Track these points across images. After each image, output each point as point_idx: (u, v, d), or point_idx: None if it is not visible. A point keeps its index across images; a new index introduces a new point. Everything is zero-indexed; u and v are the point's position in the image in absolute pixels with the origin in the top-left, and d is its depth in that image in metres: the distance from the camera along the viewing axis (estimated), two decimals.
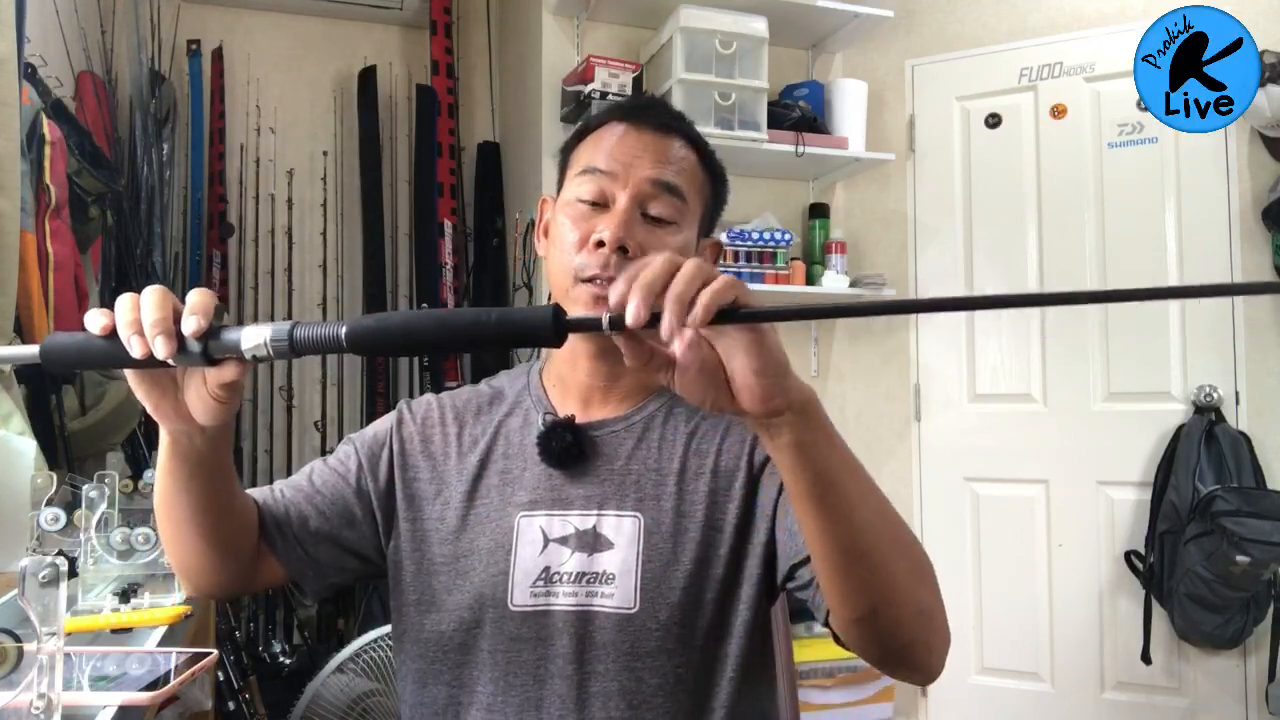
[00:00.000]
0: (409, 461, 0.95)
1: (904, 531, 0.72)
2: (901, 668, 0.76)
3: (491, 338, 0.58)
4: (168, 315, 0.61)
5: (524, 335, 0.58)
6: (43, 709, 0.66)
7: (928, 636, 0.73)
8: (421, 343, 0.60)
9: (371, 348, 0.60)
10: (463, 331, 0.59)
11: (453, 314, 0.59)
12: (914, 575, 0.72)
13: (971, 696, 2.74)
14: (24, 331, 1.56)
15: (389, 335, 0.59)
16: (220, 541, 0.84)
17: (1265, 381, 2.48)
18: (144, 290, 0.62)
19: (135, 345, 0.60)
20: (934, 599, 0.73)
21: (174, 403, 0.68)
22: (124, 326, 0.61)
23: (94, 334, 0.62)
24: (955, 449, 2.79)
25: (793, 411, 0.61)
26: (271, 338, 0.60)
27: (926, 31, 2.85)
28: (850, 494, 0.66)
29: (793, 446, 0.62)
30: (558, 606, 0.86)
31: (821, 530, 0.67)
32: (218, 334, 0.61)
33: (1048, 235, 2.70)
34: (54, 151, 1.72)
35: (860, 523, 0.67)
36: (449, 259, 2.91)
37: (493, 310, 0.58)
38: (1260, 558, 2.21)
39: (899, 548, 0.70)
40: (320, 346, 0.60)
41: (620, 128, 0.94)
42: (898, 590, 0.70)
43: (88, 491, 1.15)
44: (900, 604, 0.71)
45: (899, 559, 0.70)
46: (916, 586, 0.72)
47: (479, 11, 3.10)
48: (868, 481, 0.68)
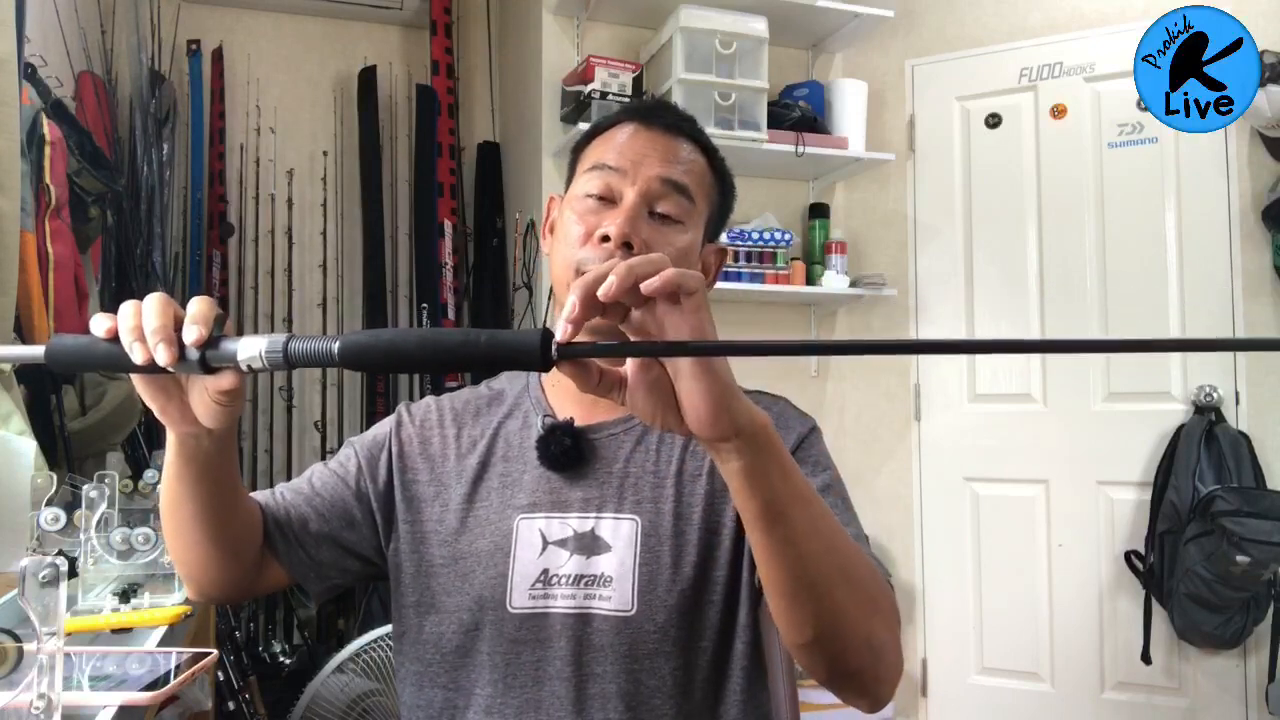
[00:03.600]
0: (408, 464, 0.95)
1: (858, 565, 0.72)
2: (847, 692, 0.76)
3: (480, 360, 0.58)
4: (169, 323, 0.61)
5: (512, 360, 0.58)
6: (43, 709, 0.66)
7: (876, 667, 0.73)
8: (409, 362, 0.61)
9: (363, 364, 0.60)
10: (450, 352, 0.59)
11: (442, 334, 0.59)
12: (865, 608, 0.71)
13: (971, 696, 2.74)
14: (24, 331, 1.56)
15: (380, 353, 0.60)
16: (225, 544, 0.85)
17: (1265, 381, 2.48)
18: (147, 297, 0.62)
19: (137, 351, 0.61)
20: (887, 632, 0.73)
21: (179, 406, 0.68)
22: (126, 332, 0.61)
23: (98, 337, 0.62)
24: (955, 449, 2.79)
25: (741, 438, 0.61)
26: (267, 350, 0.61)
27: (926, 31, 2.85)
28: (799, 525, 0.66)
29: (741, 473, 0.63)
30: (556, 609, 0.86)
31: (768, 557, 0.67)
32: (216, 343, 0.62)
33: (1048, 235, 2.70)
34: (54, 151, 1.72)
35: (808, 553, 0.67)
36: (449, 259, 2.91)
37: (481, 332, 0.58)
38: (1260, 558, 2.21)
39: (849, 580, 0.70)
40: (314, 360, 0.61)
41: (630, 127, 0.94)
42: (845, 622, 0.70)
43: (88, 491, 1.15)
44: (847, 635, 0.70)
45: (848, 591, 0.69)
46: (867, 619, 0.71)
47: (479, 11, 3.10)
48: (820, 513, 0.68)
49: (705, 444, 0.62)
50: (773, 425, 0.63)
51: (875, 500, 2.84)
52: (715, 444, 0.62)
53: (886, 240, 2.88)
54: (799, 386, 2.83)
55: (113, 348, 0.62)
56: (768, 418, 0.63)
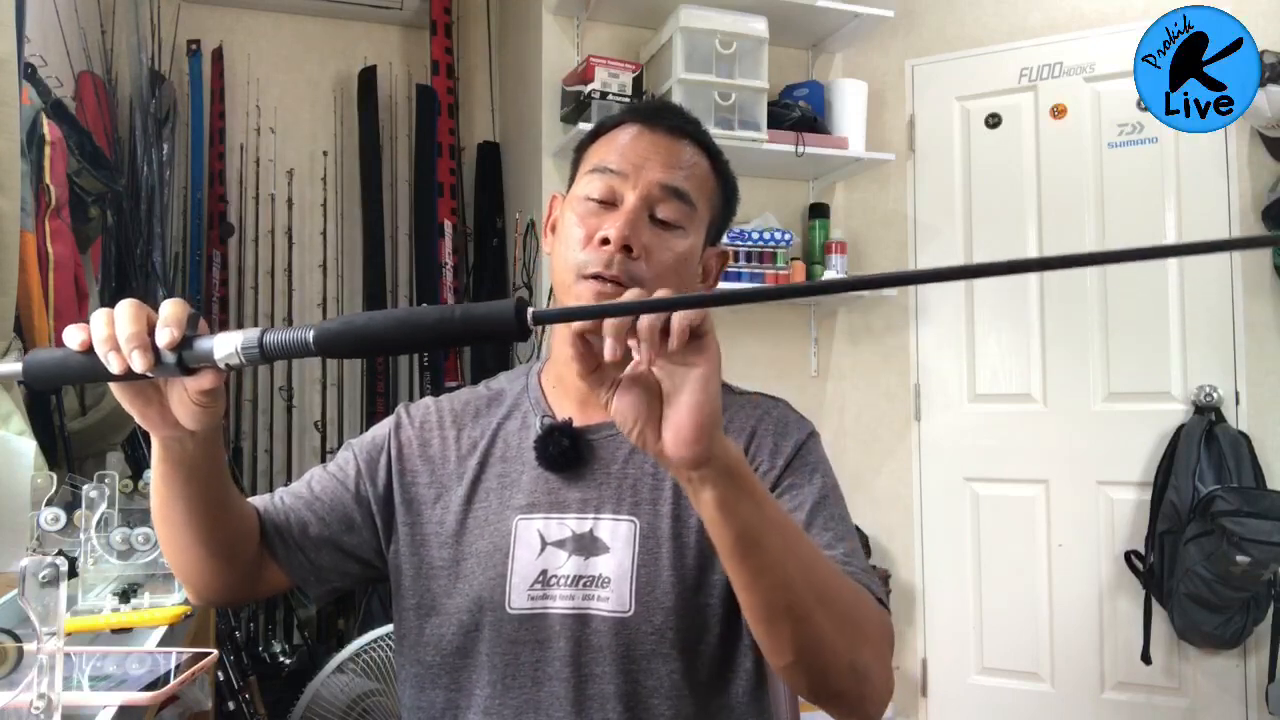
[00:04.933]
0: (407, 466, 0.95)
1: (838, 590, 0.72)
2: (832, 711, 0.77)
3: (458, 336, 0.58)
4: (142, 329, 0.61)
5: (489, 331, 0.58)
6: (43, 709, 0.66)
7: (860, 689, 0.73)
8: (387, 343, 0.60)
9: (339, 350, 0.60)
10: (428, 330, 0.58)
11: (417, 313, 0.59)
12: (847, 633, 0.72)
13: (971, 696, 2.74)
14: (24, 331, 1.56)
15: (354, 337, 0.59)
16: (219, 546, 0.84)
17: (1265, 381, 2.48)
18: (118, 304, 0.62)
19: (113, 361, 0.61)
20: (873, 656, 0.74)
21: (160, 410, 0.68)
22: (100, 343, 0.61)
23: (72, 349, 0.62)
24: (955, 449, 2.79)
25: (714, 468, 0.62)
26: (242, 345, 0.60)
27: (926, 31, 2.85)
28: (772, 554, 0.67)
29: (714, 504, 0.64)
30: (554, 609, 0.86)
31: (743, 586, 0.68)
32: (191, 344, 0.61)
33: (1048, 235, 2.70)
34: (54, 151, 1.72)
35: (782, 581, 0.68)
36: (449, 259, 2.91)
37: (456, 307, 0.58)
38: (1260, 558, 2.21)
39: (828, 606, 0.70)
40: (290, 351, 0.60)
41: (634, 129, 0.93)
42: (825, 646, 0.70)
43: (88, 491, 1.15)
44: (827, 659, 0.71)
45: (827, 617, 0.70)
46: (849, 644, 0.72)
47: (479, 11, 3.10)
48: (795, 541, 0.69)
49: (676, 470, 0.64)
50: (746, 461, 0.65)
51: (875, 500, 2.84)
52: (688, 470, 0.63)
53: (886, 240, 2.88)
54: (798, 386, 2.83)
55: (89, 359, 0.61)
56: (741, 455, 0.65)
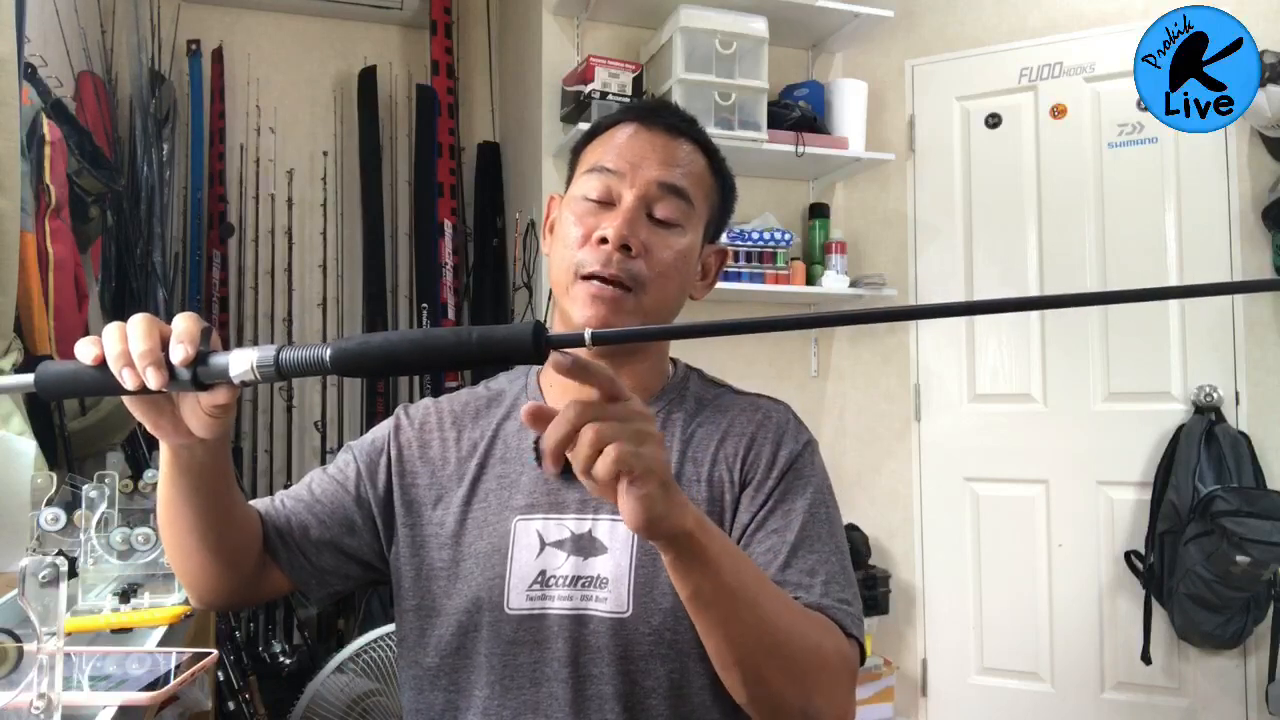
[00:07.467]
0: (407, 468, 0.95)
1: (794, 641, 0.75)
2: None
3: (473, 358, 0.58)
4: (156, 345, 0.61)
5: (505, 354, 0.58)
6: (43, 709, 0.66)
7: None
8: (403, 364, 0.61)
9: (356, 370, 0.60)
10: (444, 353, 0.59)
11: (434, 335, 0.59)
12: (798, 682, 0.75)
13: (971, 696, 2.74)
14: (24, 332, 1.56)
15: (371, 358, 0.59)
16: (223, 553, 0.84)
17: (1265, 381, 2.48)
18: (130, 319, 0.62)
19: (128, 378, 0.61)
20: (826, 702, 0.76)
21: (171, 420, 0.68)
22: (114, 359, 0.61)
23: (85, 364, 0.62)
24: (955, 449, 2.79)
25: (664, 540, 0.66)
26: (258, 363, 0.60)
27: (926, 31, 2.85)
28: (724, 613, 0.71)
29: (670, 565, 0.69)
30: (553, 610, 0.86)
31: (701, 632, 0.73)
32: (206, 360, 0.61)
33: (1048, 235, 2.70)
34: (54, 151, 1.72)
35: (735, 637, 0.72)
36: (449, 259, 2.91)
37: (473, 329, 0.58)
38: (1260, 558, 2.21)
39: (781, 659, 0.74)
40: (307, 370, 0.60)
41: (631, 128, 0.94)
42: (775, 694, 0.74)
43: (88, 491, 1.15)
44: (778, 705, 0.75)
45: (779, 670, 0.74)
46: (801, 692, 0.75)
47: (479, 11, 3.10)
48: (751, 600, 0.72)
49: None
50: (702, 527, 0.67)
51: (875, 500, 2.84)
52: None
53: (887, 240, 2.88)
54: (798, 387, 2.84)
55: (102, 373, 0.61)
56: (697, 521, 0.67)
